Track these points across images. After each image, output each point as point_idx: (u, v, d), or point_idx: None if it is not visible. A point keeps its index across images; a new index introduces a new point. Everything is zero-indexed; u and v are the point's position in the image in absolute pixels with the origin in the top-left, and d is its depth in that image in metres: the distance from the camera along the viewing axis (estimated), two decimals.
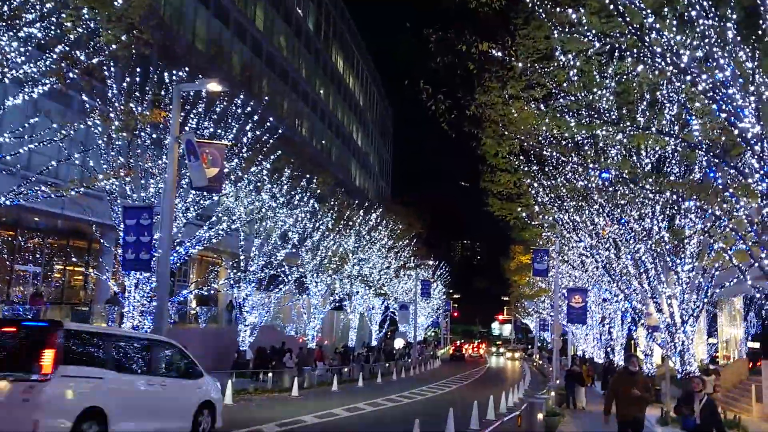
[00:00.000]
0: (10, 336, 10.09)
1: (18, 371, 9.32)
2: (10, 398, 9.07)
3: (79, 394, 9.64)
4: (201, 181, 18.66)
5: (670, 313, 19.49)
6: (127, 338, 11.97)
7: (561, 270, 32.31)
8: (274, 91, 48.18)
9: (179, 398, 11.99)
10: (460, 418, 16.28)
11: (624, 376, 10.75)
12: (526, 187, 20.82)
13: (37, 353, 9.32)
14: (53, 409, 9.23)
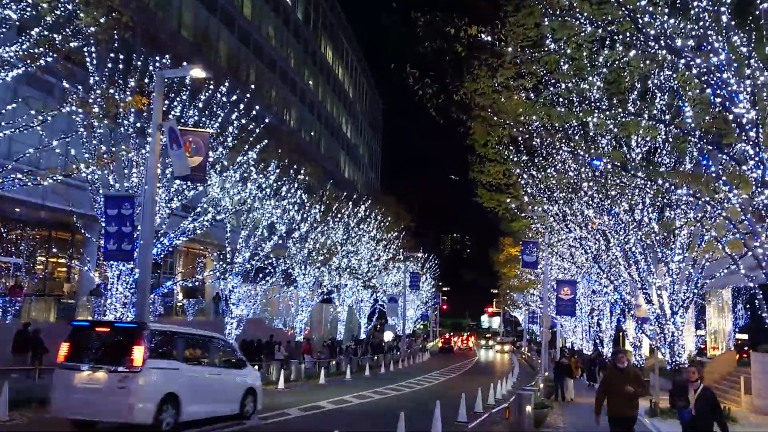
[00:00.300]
0: (105, 335, 12.32)
1: (113, 364, 11.36)
2: (109, 386, 11.17)
3: (160, 383, 11.68)
4: (183, 170, 18.23)
5: (660, 304, 19.32)
6: (193, 335, 14.13)
7: (550, 262, 32.12)
8: (262, 81, 47.64)
9: (230, 385, 14.00)
10: (448, 411, 16.04)
11: (614, 373, 10.36)
12: (515, 177, 20.55)
13: (129, 349, 11.41)
14: (142, 394, 11.27)
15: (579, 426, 16.32)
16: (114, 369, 11.36)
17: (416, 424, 14.37)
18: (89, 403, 11.19)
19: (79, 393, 11.30)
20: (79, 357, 11.71)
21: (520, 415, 13.33)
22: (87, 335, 12.52)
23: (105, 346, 11.99)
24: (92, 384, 11.34)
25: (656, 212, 19.84)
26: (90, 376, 11.39)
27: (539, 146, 20.82)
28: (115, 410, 11.16)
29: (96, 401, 11.18)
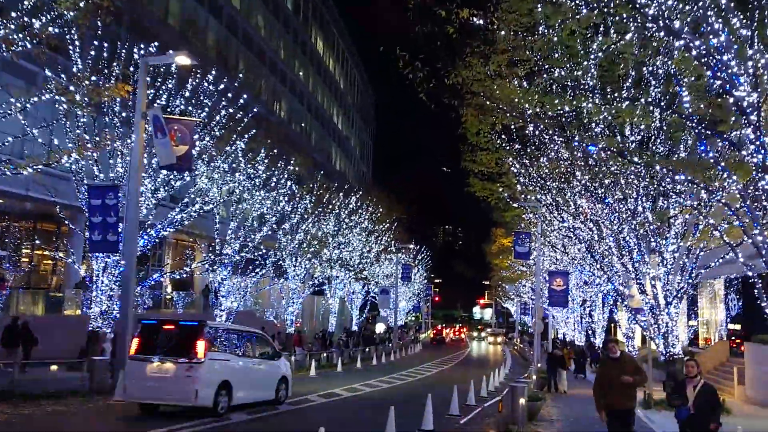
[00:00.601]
0: (170, 331, 14.16)
1: (180, 356, 13.30)
2: (176, 374, 13.17)
3: (218, 372, 13.67)
4: (168, 159, 17.83)
5: (654, 294, 19.07)
6: (239, 331, 16.22)
7: (543, 253, 31.90)
8: (251, 71, 47.02)
9: (268, 375, 15.92)
10: (440, 404, 15.77)
11: (608, 363, 9.68)
12: (507, 166, 20.22)
13: (193, 343, 13.35)
14: (204, 381, 13.17)
15: (573, 418, 16.09)
16: (181, 360, 13.31)
17: (407, 417, 14.07)
18: (159, 389, 13.26)
19: (151, 380, 13.34)
20: (149, 350, 13.70)
21: (513, 408, 13.04)
22: (154, 332, 14.41)
23: (171, 341, 13.86)
24: (162, 373, 13.37)
25: (650, 201, 19.57)
26: (159, 367, 13.42)
27: (532, 135, 20.50)
28: (183, 395, 13.13)
29: (165, 387, 13.22)
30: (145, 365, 13.51)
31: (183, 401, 13.30)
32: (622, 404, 9.16)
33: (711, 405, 8.59)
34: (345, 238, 45.72)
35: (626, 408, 9.22)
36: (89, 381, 16.61)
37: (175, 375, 13.25)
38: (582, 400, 21.30)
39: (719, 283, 31.04)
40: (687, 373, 8.96)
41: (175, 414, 13.45)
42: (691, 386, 8.73)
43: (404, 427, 12.57)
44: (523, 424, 12.87)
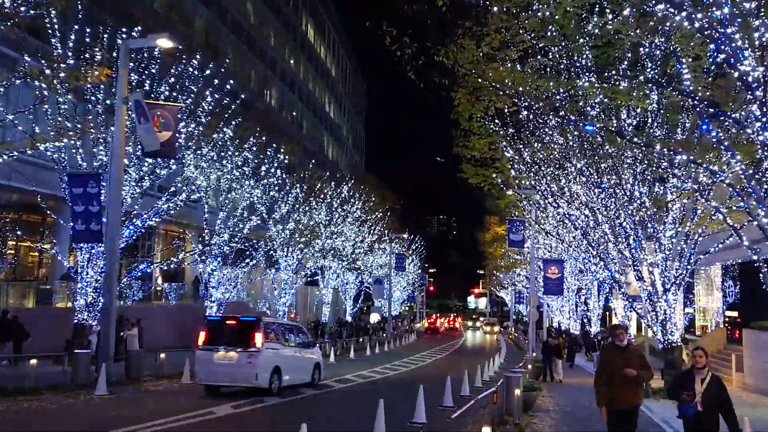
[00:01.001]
0: (232, 326, 16.60)
1: (241, 346, 15.84)
2: (240, 361, 15.69)
3: (271, 358, 16.17)
4: (152, 145, 17.24)
5: (651, 281, 18.65)
6: (285, 325, 19.51)
7: (537, 240, 31.48)
8: (240, 58, 46.32)
9: (306, 361, 18.50)
10: (433, 395, 15.34)
11: (612, 352, 8.46)
12: (500, 151, 19.71)
13: (252, 335, 15.93)
14: (262, 366, 15.75)
15: (569, 408, 15.68)
16: (242, 349, 15.82)
17: (398, 410, 13.63)
18: (225, 373, 15.89)
19: (217, 366, 15.90)
20: (214, 341, 16.26)
21: (508, 399, 12.59)
22: (218, 326, 17.16)
23: (234, 334, 16.35)
24: (227, 360, 15.92)
25: (647, 186, 19.13)
26: (224, 355, 15.96)
27: (526, 119, 19.99)
28: (245, 377, 15.76)
29: (230, 371, 15.83)
30: (213, 354, 16.07)
31: (245, 383, 15.90)
32: (627, 401, 8.13)
33: (720, 400, 7.60)
34: (337, 228, 45.21)
35: (631, 406, 8.20)
36: (72, 375, 16.07)
37: (238, 361, 15.83)
38: (578, 389, 20.93)
39: (716, 269, 30.72)
40: (695, 363, 7.82)
41: (235, 393, 15.95)
42: (699, 379, 7.65)
43: (396, 419, 12.16)
44: (518, 416, 12.44)
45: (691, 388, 7.60)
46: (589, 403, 16.62)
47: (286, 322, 20.91)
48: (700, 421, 7.53)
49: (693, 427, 7.67)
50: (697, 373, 7.74)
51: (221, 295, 32.41)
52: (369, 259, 57.42)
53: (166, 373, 19.07)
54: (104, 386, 14.76)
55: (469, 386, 17.78)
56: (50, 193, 23.56)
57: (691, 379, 7.72)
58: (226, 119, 25.23)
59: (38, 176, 23.54)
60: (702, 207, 17.10)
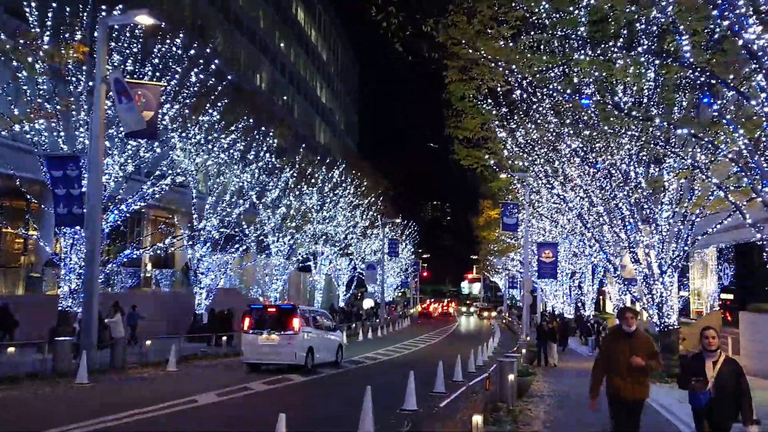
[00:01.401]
0: (273, 313, 19.23)
1: (282, 330, 18.21)
2: (281, 342, 18.05)
3: (306, 340, 18.61)
4: (134, 124, 16.67)
5: (648, 263, 18.26)
6: (316, 311, 23.06)
7: (531, 224, 31.07)
8: (229, 40, 45.47)
9: (331, 342, 20.90)
10: (424, 380, 14.95)
11: (617, 337, 7.51)
12: (493, 131, 19.19)
13: (290, 320, 18.41)
14: (300, 346, 18.17)
15: (564, 393, 15.30)
16: (283, 333, 18.23)
17: (388, 396, 13.23)
18: (268, 353, 18.28)
19: (262, 347, 18.31)
20: (258, 326, 18.68)
21: (502, 385, 12.19)
22: (260, 313, 19.56)
23: (274, 319, 18.80)
24: (269, 342, 18.32)
25: (643, 167, 18.69)
26: (267, 338, 18.37)
27: (519, 99, 19.46)
28: (286, 356, 18.15)
29: (272, 351, 18.24)
30: (257, 336, 18.46)
31: (286, 361, 18.29)
32: (633, 393, 7.21)
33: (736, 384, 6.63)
34: (329, 213, 44.71)
35: (637, 399, 7.28)
36: (52, 363, 15.59)
37: (279, 343, 18.23)
38: (573, 373, 20.61)
39: (710, 252, 30.41)
40: (705, 346, 6.86)
41: (274, 370, 18.33)
42: (711, 362, 6.75)
43: (385, 406, 11.75)
44: (512, 402, 12.05)
45: (702, 373, 6.71)
46: (585, 389, 16.31)
47: (317, 309, 24.45)
48: (714, 409, 6.66)
49: (707, 418, 6.79)
50: (707, 356, 6.83)
51: (210, 282, 31.96)
52: (362, 244, 57.00)
53: (152, 361, 18.62)
54: (85, 374, 14.31)
55: (463, 371, 17.41)
56: (33, 178, 22.95)
57: (701, 363, 6.82)
58: (212, 101, 24.61)
59: (20, 161, 22.91)
60: (700, 186, 16.68)
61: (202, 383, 15.05)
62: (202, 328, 29.78)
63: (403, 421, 9.49)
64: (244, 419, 11.16)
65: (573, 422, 11.50)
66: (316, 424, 10.87)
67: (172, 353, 17.81)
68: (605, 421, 9.98)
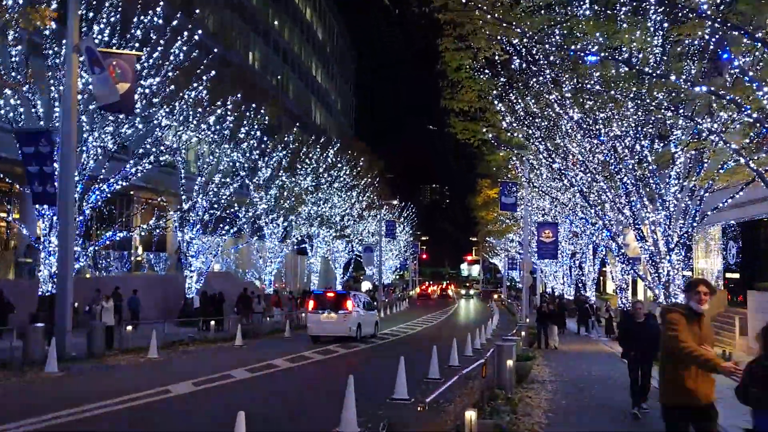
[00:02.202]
0: (332, 297, 23.57)
1: (338, 310, 22.67)
2: (338, 319, 22.49)
3: (356, 317, 23.03)
4: (109, 96, 15.63)
5: (654, 240, 17.32)
6: (361, 294, 27.58)
7: (531, 202, 30.08)
8: (218, 15, 44.11)
9: (371, 319, 25.24)
10: (418, 365, 14.08)
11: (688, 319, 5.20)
12: (490, 101, 18.11)
13: (344, 302, 22.99)
14: (352, 322, 22.63)
15: (567, 378, 14.42)
16: (340, 312, 22.75)
17: (378, 384, 12.37)
18: (328, 328, 22.81)
19: (323, 323, 22.83)
20: (320, 307, 23.20)
21: (500, 370, 11.30)
22: (321, 297, 24.13)
23: (332, 302, 23.25)
24: (329, 319, 22.76)
25: (648, 140, 17.69)
26: (327, 316, 22.79)
27: (517, 69, 18.41)
28: (343, 330, 22.67)
29: (331, 326, 22.76)
30: (320, 315, 22.98)
31: (342, 333, 22.76)
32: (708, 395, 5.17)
33: None
34: (324, 194, 43.71)
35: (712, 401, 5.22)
36: (22, 351, 14.69)
37: (337, 320, 22.74)
38: (574, 355, 19.76)
39: (715, 230, 29.50)
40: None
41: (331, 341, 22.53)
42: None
43: (373, 396, 10.88)
44: (511, 389, 11.16)
45: None
46: (588, 372, 15.48)
47: (362, 294, 28.68)
48: None
49: None
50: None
51: (201, 265, 31.05)
52: (359, 226, 56.05)
53: (134, 348, 17.70)
54: (54, 363, 13.41)
55: (459, 356, 16.55)
56: (10, 158, 21.96)
57: None
58: (197, 75, 23.50)
59: None
60: (710, 158, 15.69)
61: (181, 371, 14.15)
62: (193, 313, 28.95)
63: None
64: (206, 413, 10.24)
65: (577, 410, 10.62)
66: None
67: (153, 339, 16.90)
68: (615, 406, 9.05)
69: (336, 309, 22.79)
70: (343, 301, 23.14)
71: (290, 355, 17.63)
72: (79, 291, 23.86)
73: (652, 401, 8.98)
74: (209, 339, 22.19)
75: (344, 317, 22.63)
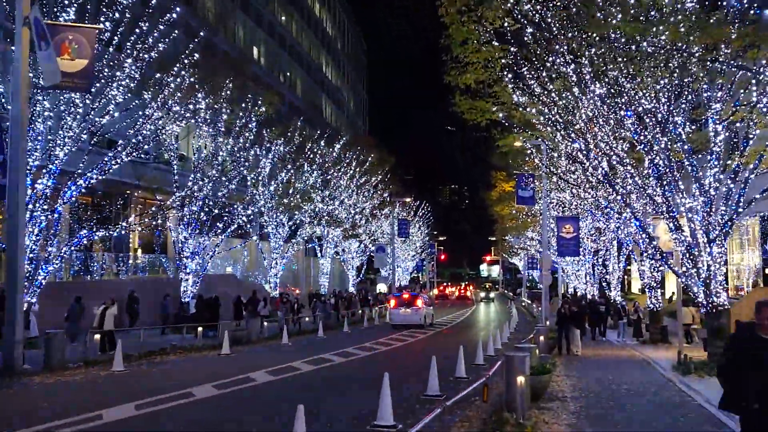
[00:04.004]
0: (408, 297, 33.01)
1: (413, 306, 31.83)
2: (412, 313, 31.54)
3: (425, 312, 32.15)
4: (52, 76, 13.73)
5: (691, 230, 15.02)
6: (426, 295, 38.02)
7: (549, 194, 27.79)
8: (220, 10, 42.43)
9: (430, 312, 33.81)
10: (419, 379, 11.94)
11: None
12: (499, 67, 15.90)
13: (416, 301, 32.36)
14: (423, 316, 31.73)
15: (592, 392, 12.16)
16: (414, 307, 31.32)
17: (365, 402, 10.28)
18: (405, 318, 31.02)
19: (402, 316, 31.16)
20: (399, 305, 31.73)
21: (509, 388, 9.12)
22: (400, 297, 32.98)
23: (408, 301, 31.99)
24: (406, 313, 31.17)
25: (683, 115, 15.41)
26: (405, 311, 31.23)
27: (530, 40, 16.19)
28: (416, 320, 31.04)
29: (407, 318, 31.05)
30: (400, 310, 31.42)
31: (415, 322, 31.00)
32: None
33: None
34: (331, 191, 41.68)
35: None
36: None
37: (411, 313, 31.22)
38: (601, 364, 17.46)
39: (755, 223, 26.99)
40: None
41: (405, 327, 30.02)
42: None
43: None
44: (523, 411, 8.94)
45: None
46: (617, 385, 13.22)
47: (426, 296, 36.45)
48: None
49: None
50: None
51: (197, 267, 29.16)
52: (372, 226, 53.92)
53: (100, 359, 15.75)
54: None
55: (468, 365, 14.41)
56: None
57: None
58: (180, 59, 21.58)
59: None
60: (760, 127, 13.38)
61: (135, 389, 12.08)
62: (186, 318, 27.08)
63: None
64: None
65: None
66: None
67: (118, 350, 14.92)
68: None
69: (410, 306, 31.59)
70: (415, 300, 32.32)
71: (275, 367, 15.51)
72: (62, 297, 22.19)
73: None
74: (196, 347, 20.22)
75: (417, 311, 31.36)
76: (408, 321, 30.64)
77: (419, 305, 31.21)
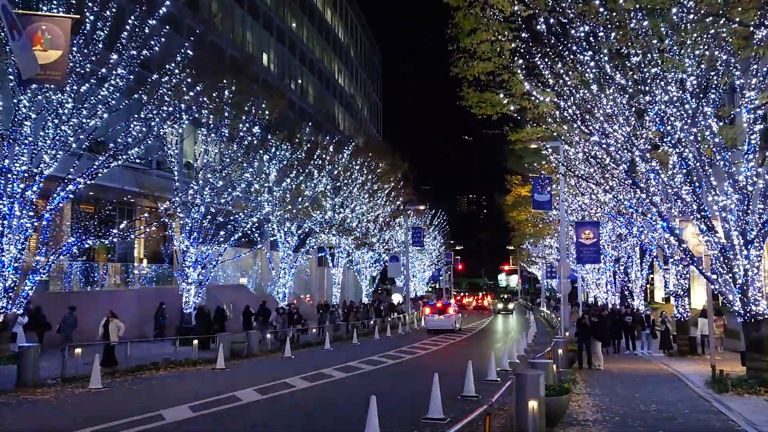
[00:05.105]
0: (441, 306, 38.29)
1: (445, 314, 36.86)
2: (445, 320, 36.47)
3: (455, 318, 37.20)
4: (31, 67, 12.75)
5: (726, 231, 13.55)
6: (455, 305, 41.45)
7: (565, 195, 26.33)
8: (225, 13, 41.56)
9: (458, 318, 38.53)
10: (418, 397, 10.61)
11: None
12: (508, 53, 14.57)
13: (448, 309, 37.40)
14: (454, 321, 36.92)
15: (618, 415, 10.72)
16: (446, 314, 36.33)
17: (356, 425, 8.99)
18: (439, 324, 35.93)
19: (436, 322, 36.07)
20: (434, 312, 37.07)
21: (519, 413, 7.76)
22: (433, 305, 38.99)
23: (441, 309, 37.28)
24: (439, 320, 36.16)
25: (713, 106, 13.99)
26: (438, 318, 36.23)
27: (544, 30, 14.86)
28: (449, 326, 35.96)
29: (441, 323, 35.98)
30: (435, 317, 36.10)
31: (448, 327, 35.57)
32: None
33: None
34: (341, 198, 40.47)
35: None
36: None
37: (444, 320, 35.79)
38: (625, 378, 15.96)
39: None
40: None
41: (439, 332, 34.52)
42: None
43: None
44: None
45: None
46: (645, 406, 11.73)
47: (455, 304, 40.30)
48: None
49: None
50: None
51: (199, 276, 28.02)
52: (386, 235, 52.56)
53: (78, 375, 14.57)
54: None
55: (477, 382, 13.04)
56: None
57: None
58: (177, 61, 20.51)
59: None
60: None
61: (106, 409, 10.88)
62: (187, 330, 25.92)
63: None
64: None
65: None
66: None
67: (95, 366, 13.73)
68: None
69: (443, 313, 36.20)
70: (447, 308, 36.97)
71: (266, 384, 14.21)
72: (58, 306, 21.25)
73: None
74: (191, 361, 19.01)
75: (449, 318, 35.74)
76: (441, 326, 35.31)
77: (450, 312, 36.08)
